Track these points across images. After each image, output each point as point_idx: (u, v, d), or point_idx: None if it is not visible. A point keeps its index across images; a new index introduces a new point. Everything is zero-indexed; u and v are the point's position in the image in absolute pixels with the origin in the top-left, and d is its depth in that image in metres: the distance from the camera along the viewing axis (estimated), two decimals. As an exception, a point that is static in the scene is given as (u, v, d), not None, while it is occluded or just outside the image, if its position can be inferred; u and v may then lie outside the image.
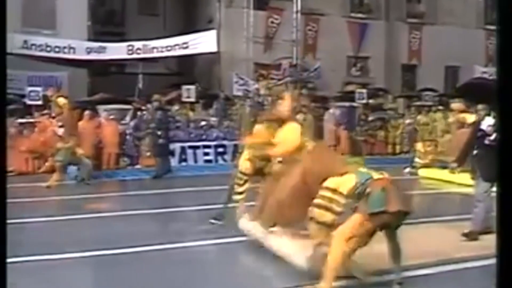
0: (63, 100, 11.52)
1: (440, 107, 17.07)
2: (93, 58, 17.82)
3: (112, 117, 14.00)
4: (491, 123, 5.92)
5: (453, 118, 10.33)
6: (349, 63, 21.53)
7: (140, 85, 16.97)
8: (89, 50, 17.80)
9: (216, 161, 14.51)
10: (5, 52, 3.00)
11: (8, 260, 4.88)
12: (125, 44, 18.11)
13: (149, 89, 16.59)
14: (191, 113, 15.53)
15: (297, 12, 19.37)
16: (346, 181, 4.22)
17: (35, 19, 18.11)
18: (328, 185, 4.30)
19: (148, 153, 13.01)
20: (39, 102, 14.68)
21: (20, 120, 14.02)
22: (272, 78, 18.42)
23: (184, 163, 14.15)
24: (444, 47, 20.50)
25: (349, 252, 4.09)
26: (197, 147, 14.52)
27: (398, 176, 10.95)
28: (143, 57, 17.88)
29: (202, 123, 14.97)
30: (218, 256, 5.70)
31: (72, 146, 10.92)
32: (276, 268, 4.94)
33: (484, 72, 20.08)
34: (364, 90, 17.50)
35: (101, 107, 14.63)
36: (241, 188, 6.14)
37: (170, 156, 12.66)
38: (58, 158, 10.65)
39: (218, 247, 5.83)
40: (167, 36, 18.53)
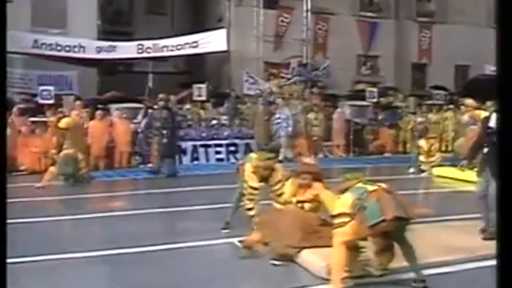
0: (66, 120, 10.89)
1: (451, 106, 17.17)
2: (103, 57, 17.87)
3: (124, 116, 14.10)
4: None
5: (467, 115, 10.24)
6: (359, 62, 21.63)
7: (150, 84, 17.01)
8: (99, 49, 17.81)
9: (228, 159, 14.53)
10: (5, 52, 3.01)
11: (37, 258, 4.97)
12: (135, 43, 18.13)
13: (157, 88, 16.67)
14: (202, 112, 15.58)
15: (307, 11, 19.49)
16: (345, 201, 4.37)
17: (45, 18, 18.20)
18: (335, 213, 4.45)
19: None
20: (51, 101, 14.70)
21: (32, 119, 14.06)
22: (282, 77, 18.51)
23: (196, 162, 14.24)
24: (454, 46, 20.53)
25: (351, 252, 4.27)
26: (209, 145, 14.57)
27: (405, 176, 11.14)
28: (153, 56, 17.95)
29: (213, 122, 15.04)
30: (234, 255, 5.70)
31: (73, 153, 10.62)
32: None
33: (494, 71, 20.08)
34: (374, 89, 17.50)
35: (113, 106, 14.71)
36: (252, 204, 6.12)
37: (176, 155, 12.52)
38: (58, 168, 10.38)
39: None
40: (175, 35, 18.60)
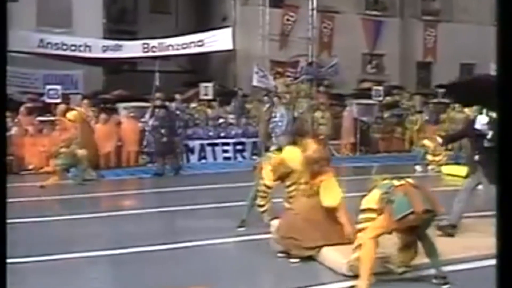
0: (74, 113, 11.33)
1: (456, 104, 17.21)
2: (109, 56, 17.93)
3: (132, 115, 14.18)
4: (485, 121, 5.80)
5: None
6: (364, 61, 21.68)
7: (157, 82, 17.08)
8: (105, 48, 17.82)
9: (235, 158, 14.72)
10: (5, 51, 3.03)
11: (55, 256, 5.02)
12: (141, 42, 18.15)
13: (162, 87, 16.75)
14: (209, 110, 15.65)
15: (312, 9, 19.53)
16: (372, 197, 4.49)
17: (51, 18, 18.25)
18: (362, 208, 4.56)
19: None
20: (58, 100, 14.70)
21: (40, 118, 14.14)
22: (288, 76, 18.56)
23: (203, 161, 14.36)
24: (459, 44, 20.57)
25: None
26: (216, 144, 14.67)
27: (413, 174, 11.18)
28: (159, 55, 18.01)
29: (220, 120, 15.12)
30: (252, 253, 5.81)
31: (73, 150, 10.82)
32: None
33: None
34: (380, 88, 17.55)
35: (121, 105, 14.79)
36: (264, 201, 6.26)
37: (176, 153, 12.54)
38: (58, 162, 10.53)
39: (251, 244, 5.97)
40: (179, 34, 18.65)
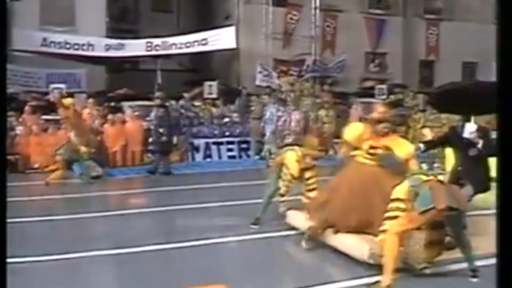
0: (70, 100, 11.45)
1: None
2: (112, 55, 17.98)
3: (137, 113, 14.25)
4: (473, 129, 5.83)
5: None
6: (367, 59, 21.77)
7: (159, 81, 17.15)
8: (108, 47, 17.84)
9: (240, 157, 14.80)
10: (5, 51, 3.11)
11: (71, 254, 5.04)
12: (144, 41, 18.18)
13: (164, 86, 16.75)
14: (214, 109, 15.72)
15: (315, 8, 19.68)
16: (402, 187, 4.59)
17: (54, 17, 18.36)
18: (392, 197, 4.64)
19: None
20: (63, 99, 14.83)
21: (45, 117, 14.15)
22: (291, 75, 18.66)
23: (208, 159, 14.45)
24: (462, 43, 20.71)
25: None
26: (221, 143, 14.76)
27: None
28: (161, 54, 18.08)
29: (225, 119, 15.18)
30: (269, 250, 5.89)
31: (75, 144, 10.90)
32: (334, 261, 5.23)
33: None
34: (384, 86, 17.71)
35: (126, 104, 14.87)
36: (286, 189, 6.35)
37: (170, 153, 12.56)
38: (60, 152, 10.69)
39: (267, 241, 6.06)
40: (181, 33, 18.72)
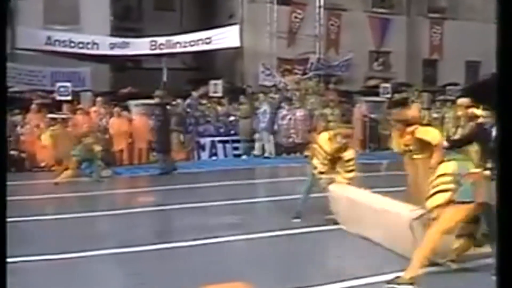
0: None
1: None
2: (116, 53, 18.07)
3: (143, 112, 14.34)
4: None
5: (461, 113, 10.38)
6: (371, 58, 21.92)
7: (165, 79, 17.27)
8: (112, 46, 17.95)
9: (248, 154, 14.82)
10: (5, 51, 3.10)
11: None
12: (148, 39, 18.29)
13: (167, 84, 16.96)
14: (219, 107, 15.80)
15: (319, 7, 19.81)
16: (450, 165, 4.62)
17: (58, 15, 18.42)
18: (439, 172, 4.65)
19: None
20: (69, 98, 14.86)
21: (51, 116, 14.15)
22: (296, 73, 18.78)
23: (214, 157, 14.56)
24: (465, 42, 20.81)
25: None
26: (227, 141, 14.87)
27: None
28: (166, 53, 18.17)
29: (231, 118, 15.27)
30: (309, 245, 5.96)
31: (90, 143, 11.09)
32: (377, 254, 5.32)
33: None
34: (388, 85, 17.82)
35: (132, 103, 14.96)
36: (324, 167, 6.56)
37: (169, 152, 12.48)
38: (75, 152, 10.78)
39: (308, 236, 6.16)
40: (184, 32, 18.80)
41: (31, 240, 6.15)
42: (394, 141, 6.67)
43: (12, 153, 12.51)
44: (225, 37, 17.88)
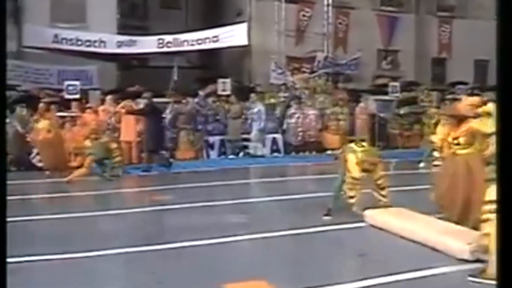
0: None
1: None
2: (123, 51, 18.13)
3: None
4: None
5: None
6: (379, 57, 21.96)
7: (175, 77, 17.32)
8: (119, 44, 17.99)
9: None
10: (5, 50, 3.16)
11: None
12: (155, 37, 18.36)
13: (172, 82, 16.90)
14: (227, 106, 15.83)
15: (328, 5, 19.88)
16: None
17: (65, 13, 18.51)
18: (487, 199, 4.44)
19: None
20: (77, 96, 14.92)
21: (60, 114, 14.23)
22: (304, 72, 18.86)
23: (223, 156, 14.59)
24: (474, 40, 20.77)
25: None
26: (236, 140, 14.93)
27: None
28: (174, 51, 18.24)
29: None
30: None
31: (106, 141, 11.26)
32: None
33: None
34: (397, 84, 17.85)
35: (141, 101, 14.97)
36: (354, 192, 6.72)
37: (161, 151, 12.58)
38: (92, 151, 10.82)
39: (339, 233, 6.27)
40: (190, 30, 18.85)
41: (45, 238, 6.23)
42: (438, 135, 6.71)
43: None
44: (233, 35, 17.87)
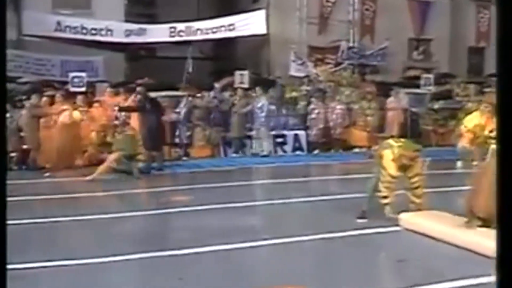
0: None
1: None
2: (132, 41, 18.63)
3: (165, 104, 14.92)
4: None
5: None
6: (410, 46, 22.23)
7: (190, 70, 17.83)
8: (128, 33, 18.41)
9: (275, 152, 15.37)
10: (5, 49, 3.33)
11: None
12: (167, 25, 18.76)
13: (180, 74, 17.42)
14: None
15: (354, -10, 20.26)
16: None
17: (68, -2, 19.13)
18: None
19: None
20: (83, 89, 15.35)
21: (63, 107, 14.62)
22: (328, 63, 19.26)
23: (241, 154, 14.99)
24: (516, 27, 21.07)
25: None
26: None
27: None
28: (186, 40, 18.70)
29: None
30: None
31: (132, 134, 11.78)
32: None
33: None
34: (430, 76, 18.20)
35: (152, 94, 15.49)
36: (388, 192, 6.89)
37: (157, 149, 12.76)
38: (121, 147, 11.23)
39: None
40: (202, 18, 19.27)
41: (71, 241, 6.67)
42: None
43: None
44: (250, 23, 18.21)
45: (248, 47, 20.99)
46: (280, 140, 15.63)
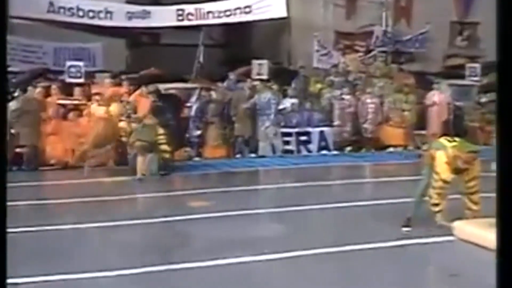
0: None
1: None
2: (134, 25, 18.57)
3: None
4: None
5: None
6: (452, 31, 22.03)
7: (201, 59, 17.73)
8: (130, 16, 18.28)
9: (299, 151, 15.27)
10: (5, 48, 3.59)
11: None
12: (174, 7, 18.61)
13: (188, 65, 17.42)
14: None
15: (387, -33, 20.09)
16: None
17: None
18: None
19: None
20: (81, 80, 15.41)
21: (61, 102, 14.32)
22: (357, 51, 19.12)
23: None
24: None
25: None
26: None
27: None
28: (196, 24, 18.59)
29: (281, 106, 15.65)
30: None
31: (152, 124, 11.83)
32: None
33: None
34: (476, 65, 18.01)
35: (160, 86, 15.43)
36: (439, 199, 6.82)
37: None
38: (140, 137, 11.51)
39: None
40: (213, 0, 19.19)
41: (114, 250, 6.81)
42: None
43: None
44: (269, 5, 18.01)
45: (265, 33, 20.91)
46: (303, 138, 15.47)
